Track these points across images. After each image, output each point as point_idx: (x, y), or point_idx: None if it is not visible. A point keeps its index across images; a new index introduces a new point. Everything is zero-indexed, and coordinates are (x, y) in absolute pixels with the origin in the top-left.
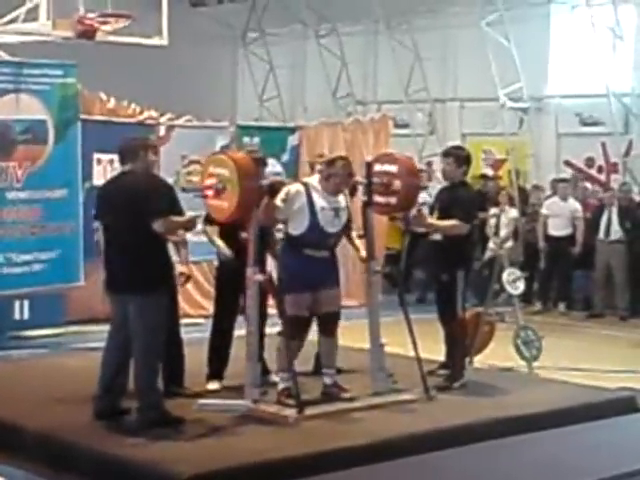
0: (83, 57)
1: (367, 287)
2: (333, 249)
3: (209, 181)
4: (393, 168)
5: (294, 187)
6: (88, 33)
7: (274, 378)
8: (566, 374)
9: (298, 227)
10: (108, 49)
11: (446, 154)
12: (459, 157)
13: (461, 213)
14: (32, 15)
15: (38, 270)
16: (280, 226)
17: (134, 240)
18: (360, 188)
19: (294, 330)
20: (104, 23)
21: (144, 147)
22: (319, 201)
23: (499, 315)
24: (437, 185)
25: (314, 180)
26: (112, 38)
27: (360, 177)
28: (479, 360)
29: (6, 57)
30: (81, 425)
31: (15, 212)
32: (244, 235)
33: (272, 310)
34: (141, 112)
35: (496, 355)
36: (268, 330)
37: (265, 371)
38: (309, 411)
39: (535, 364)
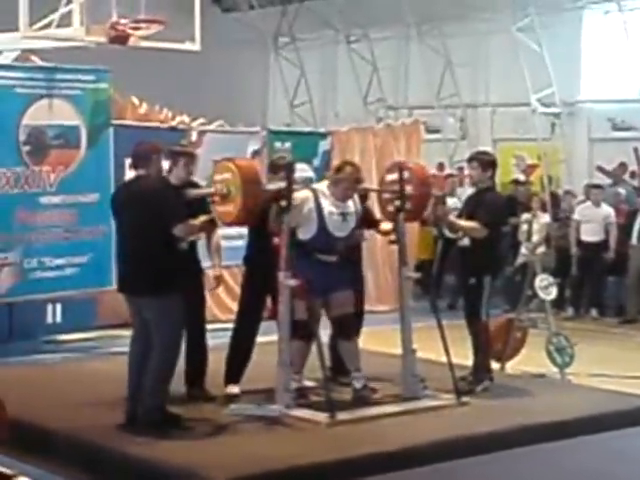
0: (116, 62)
1: (399, 293)
2: (342, 254)
3: (214, 188)
4: (404, 174)
5: (302, 193)
6: (121, 38)
7: (307, 383)
8: (598, 381)
9: (307, 232)
10: (141, 54)
11: (470, 159)
12: (483, 162)
13: (484, 217)
14: (65, 21)
15: (70, 274)
16: None
17: (146, 243)
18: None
19: (303, 333)
20: (137, 28)
21: (156, 151)
22: (327, 206)
23: (531, 321)
24: (468, 190)
25: (322, 186)
26: (145, 43)
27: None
28: (511, 366)
29: (39, 62)
30: (113, 429)
31: (48, 216)
32: (276, 240)
33: None
34: (173, 117)
35: (528, 361)
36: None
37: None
38: (341, 416)
39: (567, 370)
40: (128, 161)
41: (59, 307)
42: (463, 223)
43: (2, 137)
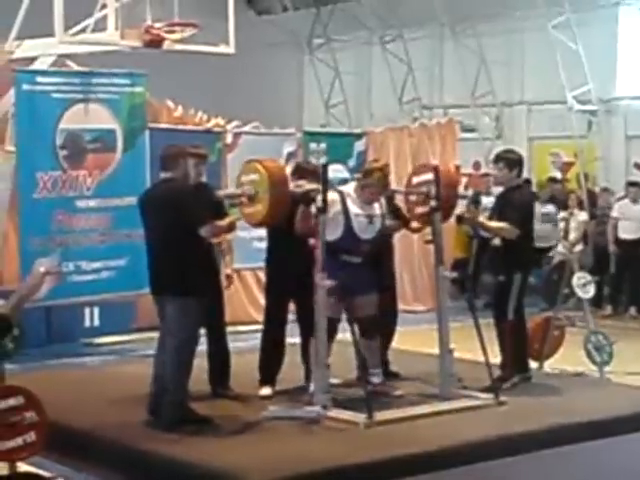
0: (151, 66)
1: (436, 292)
2: (368, 255)
3: (241, 189)
4: (429, 176)
5: (329, 195)
6: (155, 42)
7: (334, 381)
8: (637, 379)
9: (333, 233)
10: (175, 58)
11: (496, 159)
12: (509, 160)
13: (512, 217)
14: (100, 25)
15: (107, 278)
16: None
17: (172, 245)
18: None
19: (327, 332)
20: (171, 32)
21: (183, 155)
22: (353, 208)
23: (569, 319)
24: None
25: (350, 188)
26: (179, 47)
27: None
28: (549, 365)
29: (75, 67)
30: (150, 431)
31: (85, 220)
32: (312, 241)
33: None
34: (208, 120)
35: (566, 360)
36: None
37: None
38: (379, 417)
39: (606, 369)
40: None
41: (97, 310)
42: (493, 224)
43: (40, 142)
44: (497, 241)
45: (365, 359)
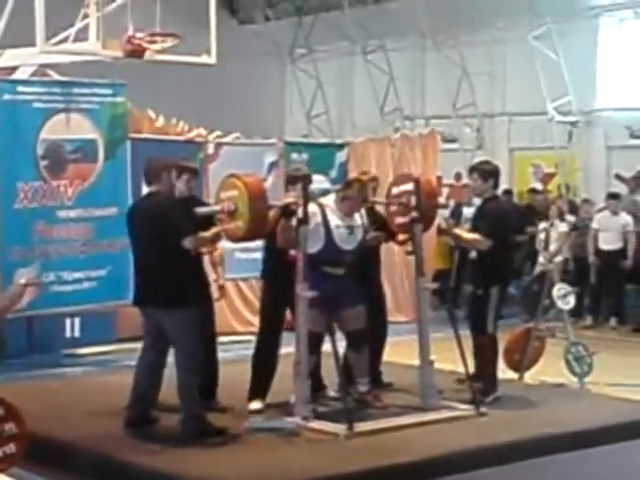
0: (132, 76)
1: (416, 303)
2: (351, 267)
3: (220, 205)
4: (409, 186)
5: (309, 208)
6: (137, 52)
7: (331, 393)
8: (618, 390)
9: (314, 245)
10: (157, 68)
11: (471, 170)
12: (483, 171)
13: (485, 228)
14: (82, 35)
15: (89, 288)
16: None
17: (158, 258)
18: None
19: (309, 345)
20: (153, 42)
21: (166, 168)
22: (334, 220)
23: (549, 330)
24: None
25: (329, 200)
26: (161, 57)
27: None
28: (530, 376)
29: (57, 77)
30: (131, 441)
31: (66, 230)
32: (293, 252)
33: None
34: (190, 130)
35: (547, 370)
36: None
37: (321, 387)
38: (359, 428)
39: (586, 380)
40: None
41: (78, 321)
42: (466, 235)
43: (20, 152)
44: (473, 254)
45: (346, 371)
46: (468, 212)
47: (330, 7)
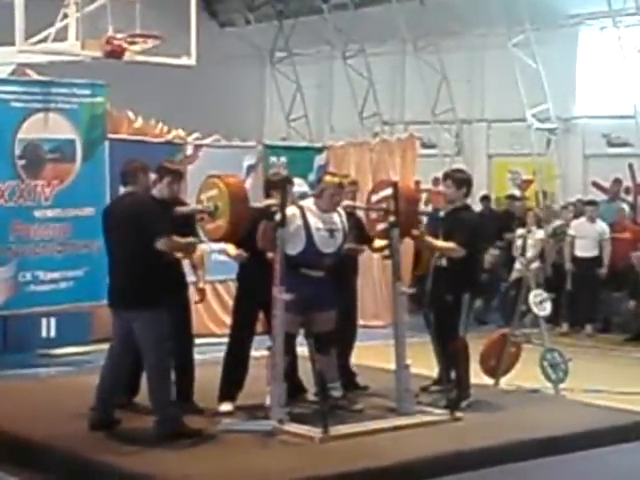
0: (111, 77)
1: (393, 308)
2: (330, 270)
3: (200, 205)
4: (389, 192)
5: (289, 210)
6: (116, 53)
7: (311, 397)
8: (592, 396)
9: (295, 248)
10: (136, 69)
11: (444, 177)
12: (456, 179)
13: (459, 237)
14: (61, 35)
15: (65, 288)
16: None
17: (132, 258)
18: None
19: (289, 347)
20: (133, 43)
21: (143, 169)
22: (314, 222)
23: (525, 336)
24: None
25: (309, 202)
26: (140, 58)
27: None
28: (505, 381)
29: (35, 76)
30: (104, 442)
31: (43, 230)
32: (270, 255)
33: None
34: (169, 131)
35: (522, 376)
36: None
37: (302, 390)
38: (335, 431)
39: (561, 386)
40: None
41: (53, 321)
42: (440, 244)
43: None
44: (443, 261)
45: (322, 374)
46: None
47: (311, 11)
